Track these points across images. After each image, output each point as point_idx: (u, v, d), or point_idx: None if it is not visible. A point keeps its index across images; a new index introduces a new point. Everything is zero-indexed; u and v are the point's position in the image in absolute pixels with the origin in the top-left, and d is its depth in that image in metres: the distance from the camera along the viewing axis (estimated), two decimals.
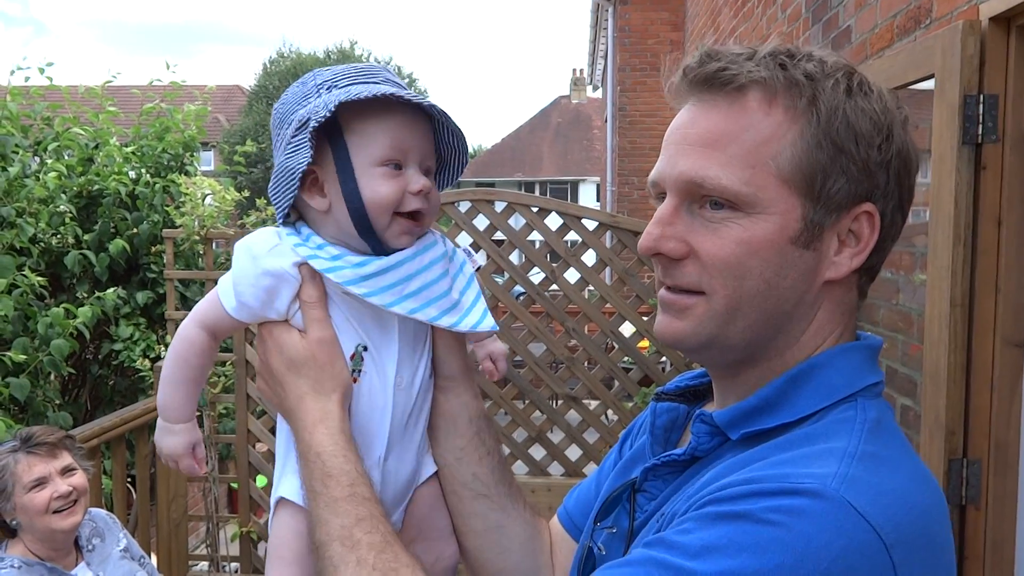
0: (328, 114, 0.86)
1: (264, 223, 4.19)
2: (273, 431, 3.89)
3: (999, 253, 1.85)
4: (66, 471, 2.33)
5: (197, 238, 3.69)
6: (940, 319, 1.93)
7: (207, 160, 22.92)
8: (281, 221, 0.94)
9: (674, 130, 0.80)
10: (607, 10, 10.81)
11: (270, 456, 3.95)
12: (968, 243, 1.86)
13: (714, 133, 0.76)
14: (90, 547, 2.46)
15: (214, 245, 4.20)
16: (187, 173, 4.85)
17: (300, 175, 0.88)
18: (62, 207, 4.55)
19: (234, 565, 3.93)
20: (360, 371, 0.93)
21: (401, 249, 0.92)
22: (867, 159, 0.74)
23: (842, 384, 0.77)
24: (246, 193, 4.29)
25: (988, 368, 1.89)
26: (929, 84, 1.96)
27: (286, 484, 0.94)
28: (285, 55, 26.68)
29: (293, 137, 0.89)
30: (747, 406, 0.78)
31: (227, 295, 0.92)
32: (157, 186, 4.81)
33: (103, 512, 2.60)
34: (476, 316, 0.96)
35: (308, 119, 0.88)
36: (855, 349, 0.80)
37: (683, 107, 0.81)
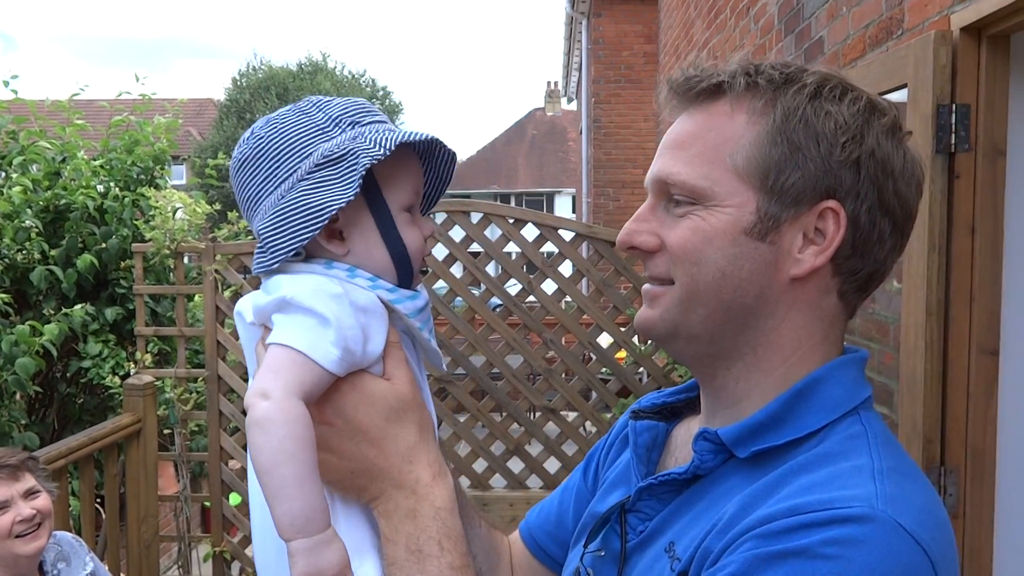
0: (387, 154, 0.79)
1: (237, 236, 4.13)
2: (247, 448, 3.80)
3: (973, 261, 1.86)
4: (29, 494, 2.26)
5: (167, 252, 3.63)
6: (916, 328, 1.93)
7: (179, 174, 22.68)
8: (276, 262, 0.81)
9: (662, 139, 0.86)
10: (580, 23, 10.88)
11: (243, 474, 3.87)
12: (943, 252, 1.87)
13: (684, 135, 0.81)
14: (55, 572, 2.39)
15: (186, 259, 4.13)
16: (157, 186, 4.76)
17: (331, 213, 0.79)
18: (28, 222, 4.44)
19: None
20: None
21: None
22: (827, 157, 0.76)
23: (845, 398, 0.78)
24: (217, 206, 4.23)
25: (964, 376, 1.90)
26: (902, 94, 1.98)
27: (369, 567, 0.80)
28: (256, 68, 26.51)
29: (314, 172, 0.80)
30: (753, 422, 0.77)
31: (320, 349, 0.76)
32: (126, 200, 4.72)
33: (69, 535, 2.53)
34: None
35: (348, 153, 0.79)
36: (851, 362, 0.81)
37: (672, 119, 0.86)
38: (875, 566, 0.62)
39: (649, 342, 3.71)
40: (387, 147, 0.79)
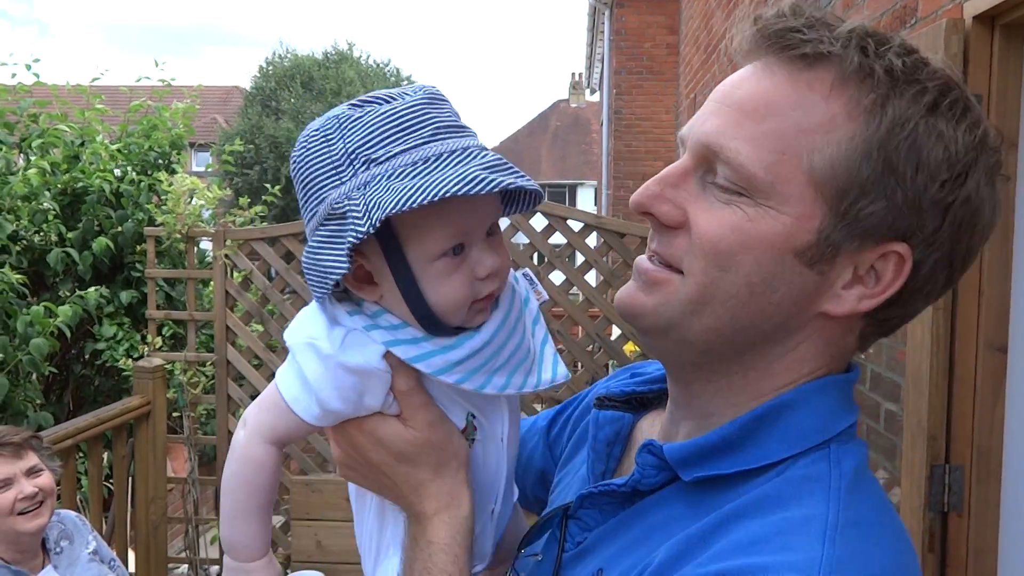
0: (372, 231, 0.68)
1: (252, 222, 4.15)
2: None
3: (982, 257, 1.81)
4: (32, 472, 2.29)
5: (179, 236, 3.65)
6: (923, 323, 1.89)
7: (204, 160, 22.91)
8: (316, 296, 0.77)
9: (722, 86, 0.69)
10: (603, 13, 10.80)
11: None
12: None
13: (757, 100, 0.65)
14: (58, 549, 2.42)
15: (204, 243, 4.15)
16: (173, 171, 4.81)
17: (334, 280, 0.72)
18: (45, 204, 4.51)
19: (215, 568, 3.88)
20: (474, 439, 0.82)
21: (479, 326, 0.78)
22: (921, 192, 0.62)
23: (815, 429, 0.67)
24: (228, 192, 4.25)
25: (971, 372, 1.85)
26: None
27: (388, 567, 0.82)
28: (282, 57, 26.64)
29: (324, 224, 0.72)
30: (704, 444, 0.67)
31: (302, 403, 0.76)
32: (143, 184, 4.77)
33: (72, 514, 2.56)
34: (549, 368, 0.83)
35: (343, 216, 0.70)
36: (833, 385, 0.69)
37: (745, 65, 0.69)
38: None
39: None
40: (374, 221, 0.67)
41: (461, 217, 0.72)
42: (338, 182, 0.70)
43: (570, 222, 3.72)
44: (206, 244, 4.24)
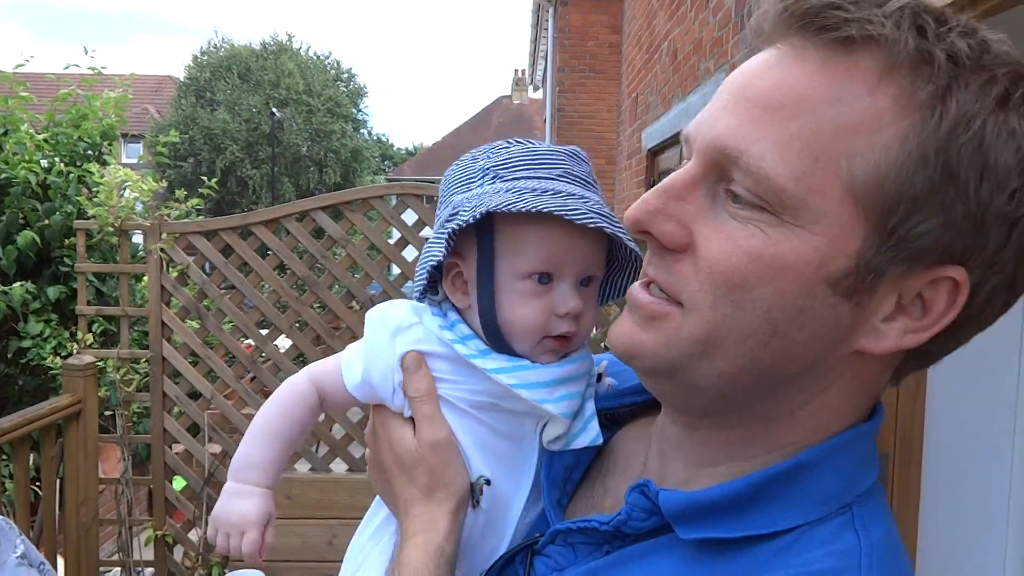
0: (473, 220, 0.73)
1: (188, 215, 4.05)
2: (191, 431, 3.76)
3: None
4: None
5: (111, 229, 3.53)
6: None
7: (135, 151, 22.20)
8: (417, 298, 0.82)
9: (737, 76, 0.58)
10: (547, 11, 10.86)
11: (188, 457, 3.81)
12: None
13: (784, 93, 0.53)
14: None
15: (136, 237, 4.03)
16: (104, 163, 4.64)
17: (429, 269, 0.77)
18: None
19: (148, 570, 3.79)
20: (478, 503, 0.78)
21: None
22: (985, 205, 0.51)
23: (837, 492, 0.58)
24: (163, 183, 4.13)
25: None
26: None
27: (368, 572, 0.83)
28: (217, 47, 26.00)
29: (443, 224, 0.77)
30: (706, 500, 0.59)
31: (351, 368, 0.81)
32: (72, 176, 4.60)
33: None
34: (580, 423, 0.79)
35: (455, 213, 0.76)
36: (859, 439, 0.60)
37: (766, 49, 0.58)
38: None
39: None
40: (475, 214, 0.72)
41: (558, 247, 0.75)
42: (466, 190, 0.77)
43: None
44: (138, 238, 4.12)
